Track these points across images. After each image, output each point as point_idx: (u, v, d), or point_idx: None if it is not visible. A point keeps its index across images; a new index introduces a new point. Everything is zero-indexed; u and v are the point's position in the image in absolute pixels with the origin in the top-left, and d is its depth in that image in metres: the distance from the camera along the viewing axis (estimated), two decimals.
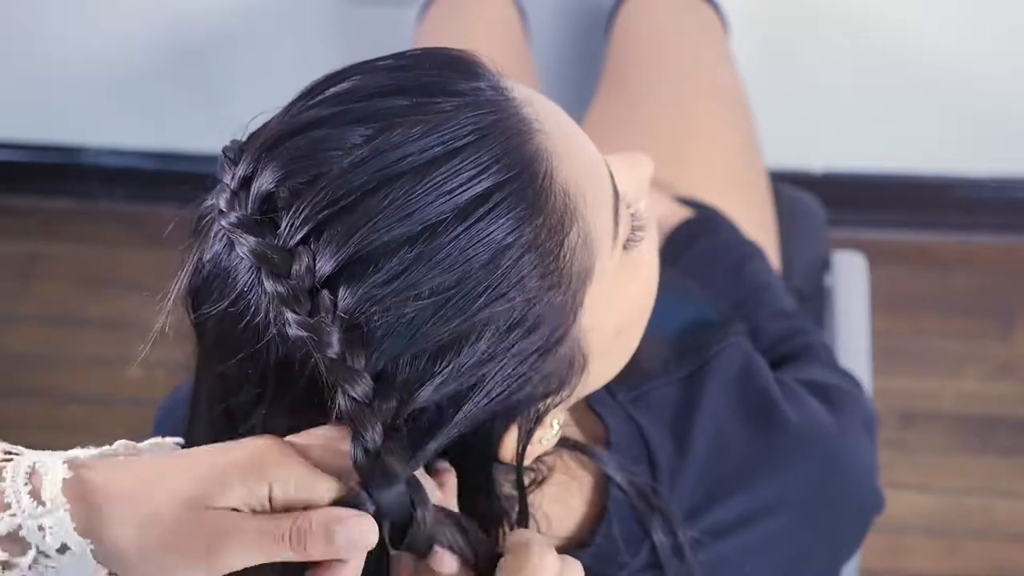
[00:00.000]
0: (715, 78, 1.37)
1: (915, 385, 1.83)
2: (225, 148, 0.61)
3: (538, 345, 0.60)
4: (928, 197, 1.97)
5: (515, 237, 0.58)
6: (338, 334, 0.56)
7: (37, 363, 1.96)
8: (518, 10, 1.54)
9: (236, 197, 0.59)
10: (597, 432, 0.77)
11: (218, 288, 0.60)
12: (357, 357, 0.56)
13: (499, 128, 0.59)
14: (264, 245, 0.57)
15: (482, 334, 0.58)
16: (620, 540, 0.73)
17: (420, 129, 0.58)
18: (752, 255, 1.10)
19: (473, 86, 0.61)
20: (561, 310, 0.61)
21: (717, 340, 0.86)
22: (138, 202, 2.10)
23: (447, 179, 0.57)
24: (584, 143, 0.64)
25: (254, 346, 0.59)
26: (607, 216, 0.63)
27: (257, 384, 0.60)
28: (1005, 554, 1.67)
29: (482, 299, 0.57)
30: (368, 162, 0.57)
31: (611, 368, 0.70)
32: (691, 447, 0.78)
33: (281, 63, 1.89)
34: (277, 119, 0.61)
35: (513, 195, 0.58)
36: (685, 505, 0.77)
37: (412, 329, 0.57)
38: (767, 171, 1.34)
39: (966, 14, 1.76)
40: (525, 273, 0.58)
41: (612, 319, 0.66)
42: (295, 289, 0.56)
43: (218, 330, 0.60)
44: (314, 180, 0.57)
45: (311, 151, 0.58)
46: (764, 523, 0.79)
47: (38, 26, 1.95)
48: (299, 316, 0.56)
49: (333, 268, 0.56)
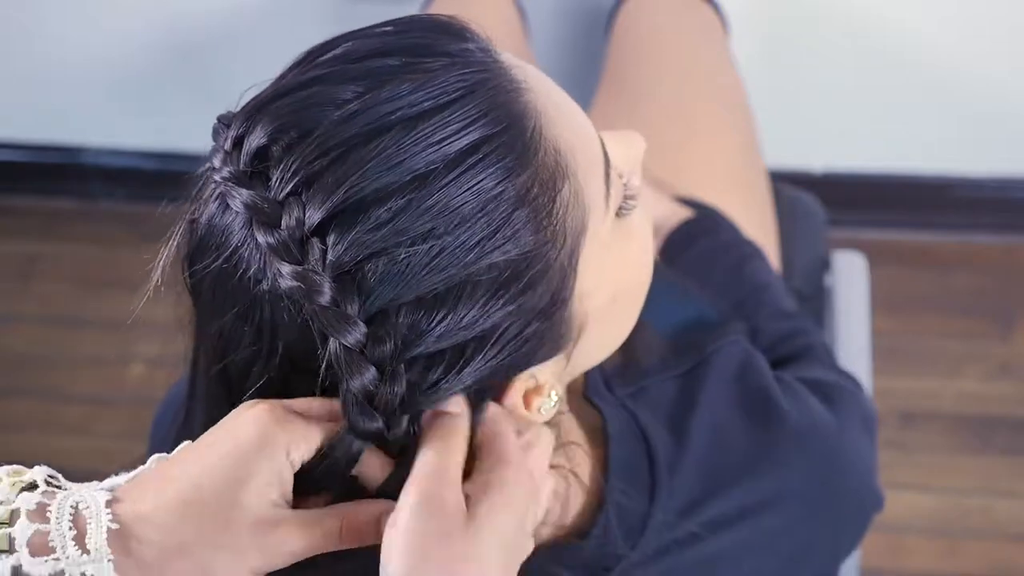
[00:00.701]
0: (715, 78, 1.38)
1: (915, 385, 1.83)
2: (220, 116, 0.62)
3: (534, 304, 0.61)
4: (928, 197, 1.97)
5: (504, 187, 0.59)
6: (329, 281, 0.57)
7: (37, 363, 1.96)
8: (518, 10, 1.54)
9: (229, 155, 0.60)
10: (594, 423, 0.78)
11: (213, 246, 0.61)
12: (350, 304, 0.57)
13: (488, 85, 0.60)
14: (256, 197, 0.58)
15: (477, 287, 0.59)
16: (618, 531, 0.74)
17: (410, 85, 0.59)
18: (752, 255, 1.10)
19: (463, 47, 0.62)
20: (557, 269, 0.61)
21: (716, 338, 0.86)
22: (138, 202, 2.10)
23: (436, 130, 0.58)
24: (574, 109, 0.65)
25: (248, 299, 0.60)
26: (598, 179, 0.64)
27: (253, 340, 0.61)
28: (1005, 554, 1.67)
29: (476, 250, 0.58)
30: (358, 116, 0.58)
31: (606, 341, 0.71)
32: (689, 441, 0.79)
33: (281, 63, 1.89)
34: (271, 85, 0.62)
35: (502, 146, 0.59)
36: (683, 499, 0.77)
37: (406, 276, 0.57)
38: (767, 171, 1.34)
39: (966, 14, 1.76)
40: (519, 227, 0.59)
41: (607, 286, 0.66)
42: (286, 239, 0.57)
43: (214, 287, 0.61)
44: (305, 134, 0.58)
45: (303, 107, 0.59)
46: (762, 518, 0.79)
47: (38, 26, 1.95)
48: (290, 266, 0.57)
49: (322, 216, 0.57)
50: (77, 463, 1.78)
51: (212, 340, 0.63)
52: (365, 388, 0.58)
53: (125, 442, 1.76)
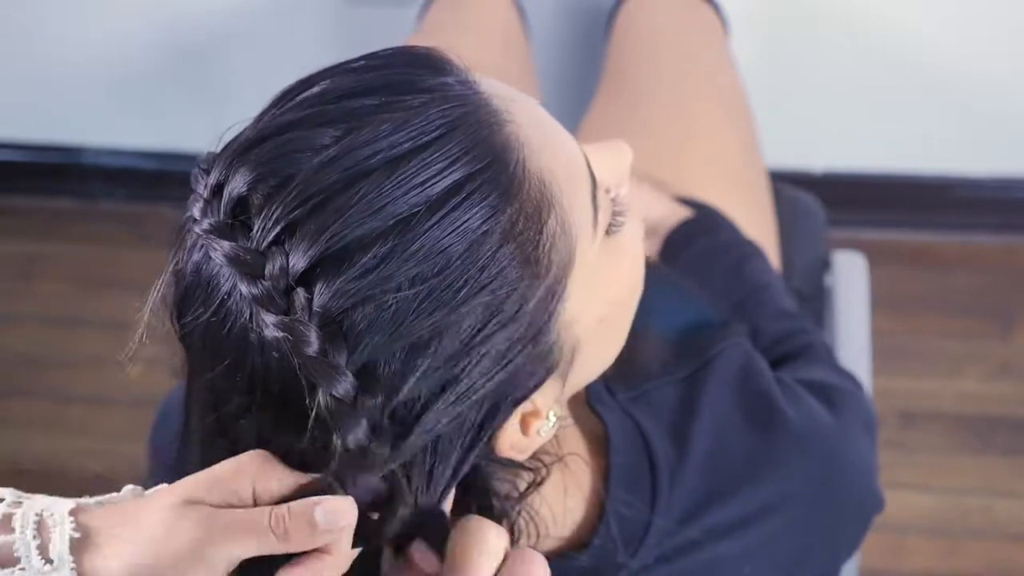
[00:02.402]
0: (715, 78, 1.38)
1: (915, 385, 1.83)
2: (198, 159, 0.61)
3: (521, 334, 0.60)
4: (928, 197, 1.97)
5: (490, 225, 0.58)
6: (316, 331, 0.56)
7: (37, 363, 1.96)
8: (518, 10, 1.54)
9: (209, 205, 0.59)
10: (596, 431, 0.77)
11: (200, 297, 0.59)
12: (338, 353, 0.56)
13: (468, 120, 0.59)
14: (237, 248, 0.57)
15: (463, 325, 0.58)
16: (619, 541, 0.73)
17: (389, 126, 0.58)
18: (752, 255, 1.10)
19: (440, 81, 0.61)
20: (543, 299, 0.61)
21: (717, 340, 0.86)
22: (138, 202, 2.10)
23: (417, 172, 0.57)
24: (557, 131, 0.64)
25: (238, 351, 0.58)
26: (585, 202, 0.63)
27: (245, 391, 0.60)
28: (1005, 554, 1.67)
29: (464, 291, 0.57)
30: (338, 161, 0.57)
31: (602, 357, 0.70)
32: (691, 447, 0.78)
33: (281, 63, 1.89)
34: (249, 128, 0.61)
35: (486, 183, 0.58)
36: (685, 504, 0.77)
37: (394, 323, 0.57)
38: (767, 171, 1.34)
39: (966, 14, 1.76)
40: (505, 264, 0.58)
41: (597, 306, 0.66)
42: (270, 290, 0.56)
43: (204, 338, 0.60)
44: (285, 182, 0.57)
45: (281, 154, 0.58)
46: (764, 523, 0.79)
47: (38, 26, 1.95)
48: (275, 316, 0.56)
49: (306, 264, 0.56)
50: (77, 463, 1.78)
51: (205, 390, 0.62)
52: (359, 442, 0.56)
53: (125, 442, 1.76)
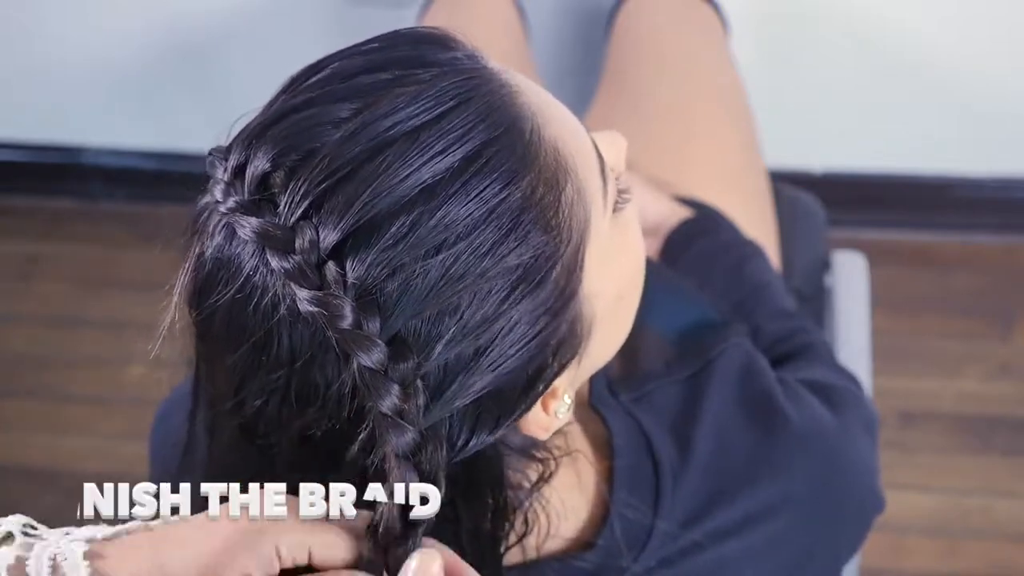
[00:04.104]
0: (715, 78, 1.38)
1: (915, 385, 1.83)
2: (212, 149, 0.61)
3: (548, 303, 0.61)
4: (928, 197, 1.97)
5: (511, 191, 0.59)
6: (351, 304, 0.56)
7: (37, 363, 1.96)
8: (518, 10, 1.54)
9: (231, 186, 0.59)
10: (599, 432, 0.78)
11: (223, 278, 0.60)
12: (371, 324, 0.57)
13: (481, 91, 0.60)
14: (266, 223, 0.57)
15: (492, 289, 0.58)
16: (623, 542, 0.74)
17: (405, 98, 0.59)
18: (752, 255, 1.10)
19: (450, 56, 0.62)
20: (566, 267, 0.61)
21: (719, 341, 0.86)
22: (138, 202, 2.10)
23: (437, 140, 0.58)
24: (564, 110, 0.65)
25: (265, 327, 0.59)
26: (595, 176, 0.64)
27: (271, 368, 0.60)
28: (1005, 554, 1.67)
29: (489, 256, 0.58)
30: (359, 133, 0.58)
31: (613, 337, 0.70)
32: (694, 448, 0.78)
33: (281, 63, 1.88)
34: (261, 113, 0.62)
35: (503, 151, 0.59)
36: (688, 507, 0.77)
37: (424, 290, 0.57)
38: (767, 171, 1.34)
39: (966, 14, 1.76)
40: (529, 228, 0.59)
41: (613, 283, 0.66)
42: (301, 264, 0.57)
43: (227, 318, 0.60)
44: (308, 156, 0.58)
45: (302, 129, 0.59)
46: (765, 525, 0.79)
47: (38, 26, 1.95)
48: (308, 291, 0.57)
49: (338, 238, 0.57)
50: (77, 463, 1.78)
51: (225, 375, 0.62)
52: (395, 406, 0.57)
53: (125, 442, 1.76)
